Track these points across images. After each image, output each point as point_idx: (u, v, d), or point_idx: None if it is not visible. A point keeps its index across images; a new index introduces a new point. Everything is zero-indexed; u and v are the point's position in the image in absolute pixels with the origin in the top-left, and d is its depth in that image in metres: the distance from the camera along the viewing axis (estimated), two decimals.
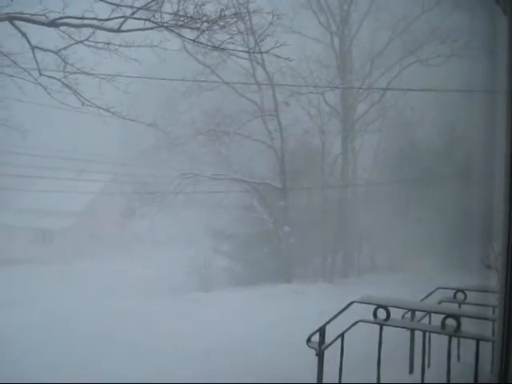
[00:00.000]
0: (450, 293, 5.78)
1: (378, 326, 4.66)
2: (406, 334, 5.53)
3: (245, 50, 17.70)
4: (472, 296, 5.59)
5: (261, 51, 16.72)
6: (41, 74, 13.36)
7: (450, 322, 4.34)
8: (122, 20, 11.97)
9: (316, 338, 4.91)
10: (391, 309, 4.65)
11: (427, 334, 5.13)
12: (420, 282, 11.32)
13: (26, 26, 12.10)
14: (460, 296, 5.66)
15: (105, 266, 26.62)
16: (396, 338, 5.36)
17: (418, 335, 5.29)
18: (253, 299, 15.09)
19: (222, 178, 22.26)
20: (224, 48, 14.90)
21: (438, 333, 4.54)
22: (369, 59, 22.45)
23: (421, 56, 21.11)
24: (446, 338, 4.45)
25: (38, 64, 13.00)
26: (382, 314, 4.63)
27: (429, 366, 5.16)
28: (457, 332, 4.32)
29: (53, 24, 11.73)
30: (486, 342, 4.15)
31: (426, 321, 5.26)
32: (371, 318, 4.68)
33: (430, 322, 5.25)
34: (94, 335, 10.53)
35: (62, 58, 13.25)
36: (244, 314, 12.68)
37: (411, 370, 5.73)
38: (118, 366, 8.37)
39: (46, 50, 13.12)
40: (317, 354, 4.91)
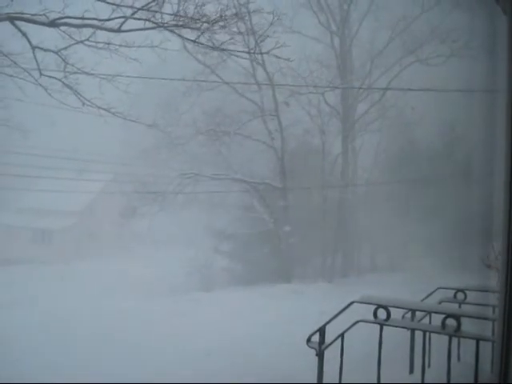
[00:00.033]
0: (451, 293, 5.78)
1: (378, 325, 4.66)
2: (407, 333, 5.53)
3: (245, 50, 17.66)
4: (472, 296, 5.59)
5: (261, 52, 16.71)
6: (41, 74, 13.36)
7: (451, 321, 4.34)
8: (122, 20, 11.98)
9: (316, 338, 4.91)
10: (391, 309, 4.65)
11: (427, 333, 5.13)
12: (420, 281, 11.33)
13: (26, 26, 12.11)
14: (460, 296, 5.66)
15: (105, 266, 26.58)
16: (396, 337, 5.36)
17: (419, 335, 5.29)
18: (253, 299, 15.09)
19: (222, 177, 22.25)
20: (224, 49, 14.94)
21: (438, 333, 4.54)
22: (369, 59, 22.43)
23: (421, 56, 21.11)
24: (446, 338, 4.45)
25: (38, 64, 13.01)
26: (382, 313, 4.63)
27: (429, 365, 5.16)
28: (457, 332, 4.32)
29: (53, 24, 11.74)
30: (486, 342, 4.15)
31: (426, 321, 5.26)
32: (371, 317, 4.68)
33: (430, 322, 5.25)
34: (93, 335, 10.53)
35: (63, 58, 13.26)
36: (244, 314, 12.68)
37: (411, 370, 5.73)
38: (118, 365, 8.37)
39: (47, 50, 13.13)
40: (317, 354, 4.91)
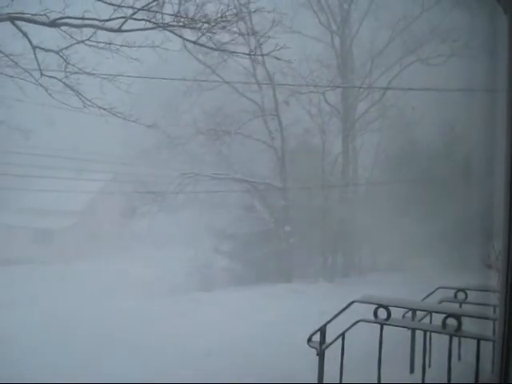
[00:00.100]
0: (451, 292, 5.77)
1: (379, 325, 4.66)
2: (407, 333, 5.53)
3: (246, 52, 17.65)
4: (473, 295, 5.59)
5: (262, 54, 16.67)
6: (42, 74, 13.34)
7: (451, 321, 4.34)
8: (122, 20, 11.97)
9: (317, 338, 4.91)
10: (392, 308, 4.64)
11: (428, 333, 5.12)
12: (421, 281, 11.32)
13: (26, 26, 12.09)
14: (461, 295, 5.65)
15: (105, 266, 26.54)
16: (397, 337, 5.36)
17: (419, 335, 5.29)
18: (253, 299, 15.09)
19: (222, 177, 22.24)
20: (225, 49, 14.95)
21: (438, 332, 4.54)
22: (369, 58, 22.40)
23: (421, 55, 21.09)
24: (446, 338, 4.45)
25: (39, 64, 12.98)
26: (382, 313, 4.62)
27: (429, 365, 5.15)
28: (458, 331, 4.32)
29: (53, 24, 11.72)
30: (486, 342, 4.14)
31: (426, 320, 5.26)
32: (372, 317, 4.67)
33: (430, 322, 5.25)
34: (94, 335, 10.55)
35: (64, 58, 13.23)
36: (244, 314, 12.68)
37: (412, 370, 5.73)
38: (118, 365, 8.38)
39: (48, 49, 13.10)
40: (317, 354, 4.91)
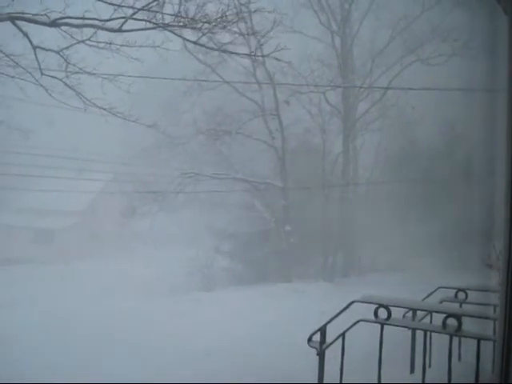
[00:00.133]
0: (451, 292, 5.77)
1: (379, 325, 4.65)
2: (407, 333, 5.52)
3: (246, 53, 17.61)
4: (473, 295, 5.58)
5: (262, 55, 16.64)
6: (42, 73, 13.33)
7: (451, 321, 4.33)
8: (123, 20, 11.96)
9: (317, 338, 4.90)
10: (392, 308, 4.64)
11: (428, 333, 5.11)
12: (421, 281, 11.32)
13: (27, 26, 12.08)
14: (461, 295, 5.65)
15: (105, 266, 26.53)
16: (397, 337, 5.36)
17: (419, 335, 5.28)
18: (253, 298, 15.08)
19: (222, 177, 22.25)
20: (225, 50, 14.95)
21: (439, 332, 4.53)
22: (370, 58, 22.38)
23: (421, 55, 21.06)
24: (447, 338, 4.44)
25: (39, 64, 12.96)
26: (382, 313, 4.61)
27: (430, 365, 5.14)
28: (458, 331, 4.31)
29: (54, 24, 11.70)
30: (487, 342, 4.14)
31: (427, 320, 5.25)
32: (372, 317, 4.67)
33: (431, 322, 5.24)
34: (94, 335, 10.54)
35: (64, 58, 13.21)
36: (244, 314, 12.67)
37: (412, 370, 5.73)
38: (118, 365, 8.38)
39: (48, 49, 13.08)
40: (318, 354, 4.90)
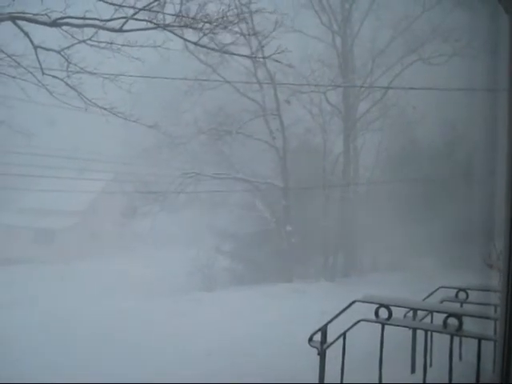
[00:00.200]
0: (452, 292, 5.75)
1: (380, 325, 4.64)
2: (408, 333, 5.51)
3: (247, 55, 17.59)
4: (474, 295, 5.57)
5: (263, 56, 16.60)
6: (43, 73, 13.33)
7: (452, 321, 4.32)
8: (123, 20, 11.96)
9: (318, 338, 4.89)
10: (393, 308, 4.63)
11: (429, 333, 5.10)
12: (421, 281, 11.32)
13: (28, 26, 12.08)
14: (462, 295, 5.63)
15: (105, 266, 26.51)
16: (398, 337, 5.35)
17: (420, 334, 5.27)
18: (254, 298, 15.08)
19: (223, 177, 22.24)
20: (226, 51, 14.95)
21: (439, 332, 4.52)
22: (370, 58, 22.37)
23: (422, 55, 21.05)
24: (447, 338, 4.43)
25: (40, 63, 12.97)
26: (383, 313, 4.60)
27: (431, 365, 5.13)
28: (459, 331, 4.30)
29: (55, 24, 11.72)
30: (487, 342, 4.13)
31: (427, 320, 5.24)
32: (373, 317, 4.66)
33: (431, 322, 5.23)
34: (94, 335, 10.55)
35: (65, 58, 13.22)
36: (245, 314, 12.67)
37: (413, 370, 5.71)
38: (118, 365, 8.38)
39: (49, 49, 13.09)
40: (318, 354, 4.89)
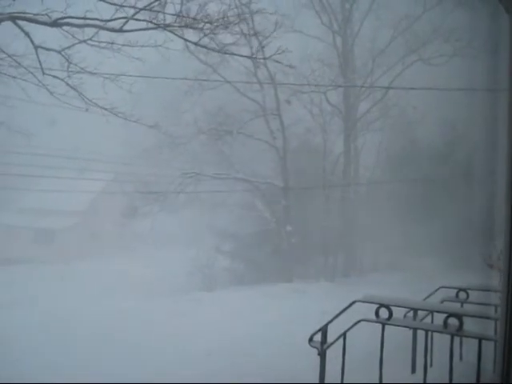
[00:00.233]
0: (453, 292, 5.75)
1: (380, 325, 4.64)
2: (408, 333, 5.51)
3: (247, 55, 17.58)
4: (474, 295, 5.57)
5: (264, 57, 16.58)
6: (44, 73, 13.32)
7: (453, 321, 4.32)
8: (124, 20, 11.95)
9: (318, 338, 4.88)
10: (393, 308, 4.63)
11: (429, 333, 5.10)
12: (422, 281, 11.32)
13: (28, 26, 12.08)
14: (462, 295, 5.63)
15: (105, 266, 26.47)
16: (398, 337, 5.35)
17: (421, 334, 5.26)
18: (254, 298, 15.07)
19: (223, 177, 22.23)
20: (226, 52, 14.94)
21: (440, 332, 4.52)
22: (371, 58, 22.37)
23: (423, 55, 21.07)
24: (448, 338, 4.43)
25: (40, 63, 12.96)
26: (384, 313, 4.60)
27: (431, 365, 5.13)
28: (459, 331, 4.30)
29: (55, 24, 11.70)
30: (488, 342, 4.12)
31: (428, 320, 5.24)
32: (373, 317, 4.66)
33: (432, 322, 5.23)
34: (94, 335, 10.54)
35: (66, 58, 13.20)
36: (245, 314, 12.67)
37: (413, 370, 5.71)
38: (118, 365, 8.38)
39: (50, 49, 13.08)
40: (319, 354, 4.88)
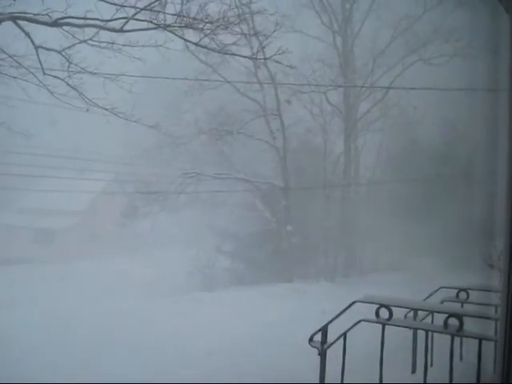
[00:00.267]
0: (453, 292, 5.75)
1: (381, 325, 4.63)
2: (409, 333, 5.51)
3: (248, 56, 17.57)
4: (474, 295, 5.57)
5: (264, 57, 16.57)
6: (44, 73, 13.31)
7: (453, 321, 4.31)
8: (124, 20, 11.94)
9: (318, 338, 4.88)
10: (394, 308, 4.62)
11: (430, 333, 5.10)
12: (422, 281, 11.31)
13: (29, 26, 12.07)
14: (462, 295, 5.63)
15: (105, 266, 26.48)
16: (398, 337, 5.34)
17: (421, 335, 5.26)
18: (254, 298, 15.07)
19: (224, 177, 22.23)
20: (226, 52, 14.93)
21: (440, 332, 4.51)
22: (371, 58, 22.39)
23: (423, 55, 21.07)
24: (448, 338, 4.43)
25: (41, 64, 12.94)
26: (384, 313, 4.60)
27: (431, 365, 5.13)
28: (459, 331, 4.30)
29: (56, 24, 11.69)
30: (488, 342, 4.12)
31: (428, 320, 5.24)
32: (373, 317, 4.65)
33: (432, 322, 5.23)
34: (94, 335, 10.54)
35: (67, 58, 13.19)
36: (245, 314, 12.67)
37: (414, 370, 5.71)
38: (118, 365, 8.37)
39: (50, 49, 13.07)
40: (319, 354, 4.88)
